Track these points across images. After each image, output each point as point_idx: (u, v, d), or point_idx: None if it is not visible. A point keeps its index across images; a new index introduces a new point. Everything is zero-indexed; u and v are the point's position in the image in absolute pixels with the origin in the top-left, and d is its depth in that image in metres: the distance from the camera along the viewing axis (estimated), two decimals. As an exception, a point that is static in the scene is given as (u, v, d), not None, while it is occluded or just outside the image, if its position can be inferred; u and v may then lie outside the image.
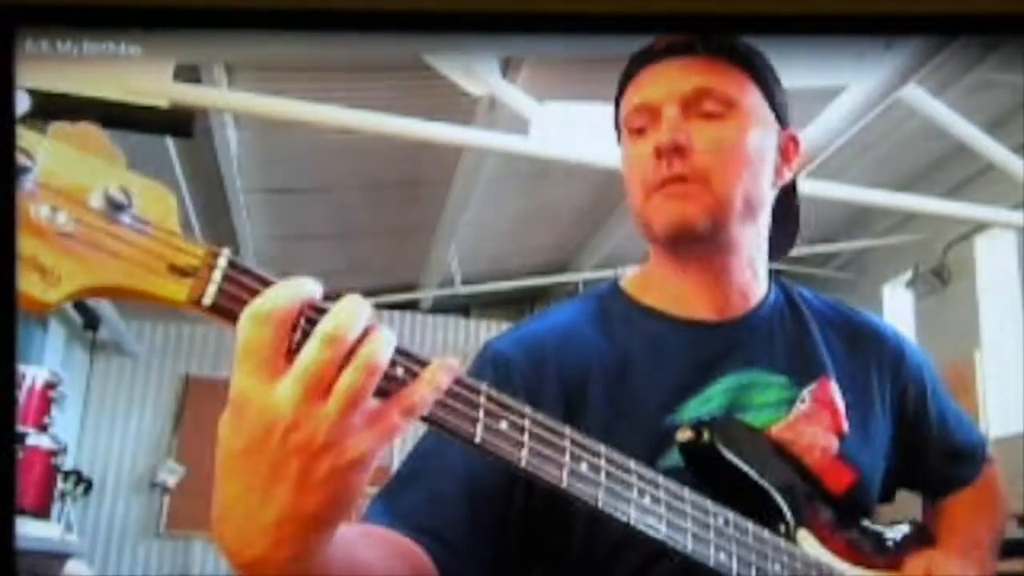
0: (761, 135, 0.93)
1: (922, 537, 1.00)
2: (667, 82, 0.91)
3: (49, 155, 0.55)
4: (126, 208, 0.56)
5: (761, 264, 0.97)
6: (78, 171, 0.56)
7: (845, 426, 0.95)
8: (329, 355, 0.54)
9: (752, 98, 0.92)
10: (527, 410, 0.66)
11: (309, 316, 0.56)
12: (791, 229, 1.03)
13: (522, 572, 0.88)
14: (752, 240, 0.95)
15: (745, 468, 0.87)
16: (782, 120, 0.96)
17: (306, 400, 0.54)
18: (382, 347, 0.56)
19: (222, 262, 0.57)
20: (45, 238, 0.54)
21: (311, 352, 0.54)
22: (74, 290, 0.55)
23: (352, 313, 0.55)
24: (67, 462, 3.89)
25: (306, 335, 0.55)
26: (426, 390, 0.58)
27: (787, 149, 0.97)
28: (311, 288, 0.56)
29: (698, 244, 0.91)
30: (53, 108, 2.18)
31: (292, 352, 0.55)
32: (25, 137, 0.54)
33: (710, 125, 0.90)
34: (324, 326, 0.55)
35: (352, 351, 0.55)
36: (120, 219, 0.56)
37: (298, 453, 0.54)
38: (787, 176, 0.98)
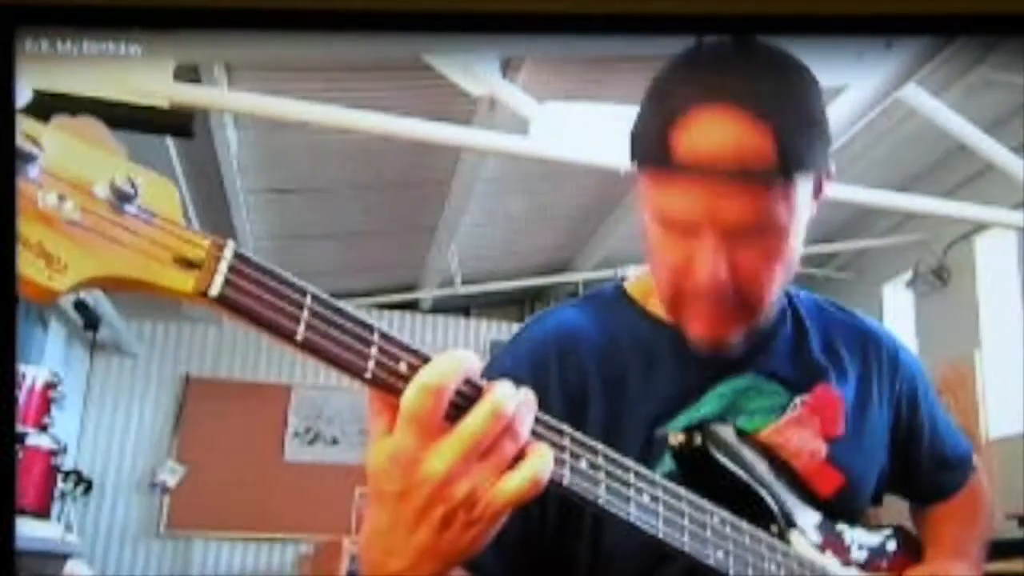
0: (803, 221, 0.87)
1: (906, 541, 1.01)
2: (709, 208, 0.81)
3: (55, 144, 0.54)
4: (132, 199, 0.56)
5: None
6: (83, 161, 0.55)
7: (837, 431, 0.95)
8: (490, 429, 0.61)
9: (798, 198, 0.84)
10: None
11: (461, 390, 0.62)
12: None
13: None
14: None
15: (736, 471, 0.87)
16: (823, 167, 0.87)
17: (461, 464, 0.61)
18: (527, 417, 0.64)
19: (228, 254, 0.57)
20: (52, 226, 0.53)
21: (475, 424, 0.61)
22: (81, 279, 0.54)
23: (512, 395, 0.63)
24: (67, 462, 3.89)
25: (456, 405, 0.62)
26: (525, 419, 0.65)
27: (819, 186, 0.89)
28: (471, 361, 0.63)
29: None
30: (53, 108, 2.17)
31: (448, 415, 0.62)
32: (30, 125, 0.54)
33: (755, 246, 0.83)
34: (486, 404, 0.62)
35: (509, 425, 0.62)
36: (126, 209, 0.56)
37: (444, 504, 0.61)
38: (816, 208, 0.91)
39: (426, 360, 0.62)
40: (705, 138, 0.80)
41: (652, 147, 0.84)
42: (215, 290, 0.57)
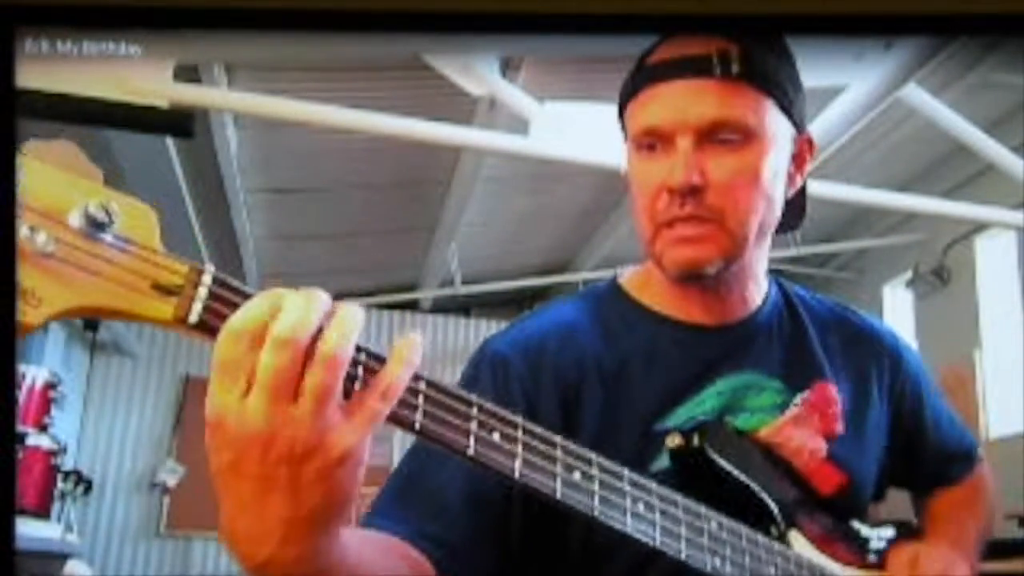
0: (778, 157, 0.89)
1: (910, 538, 1.00)
2: (681, 108, 0.85)
3: (27, 173, 0.53)
4: (107, 226, 0.55)
5: (762, 270, 0.97)
6: (57, 189, 0.54)
7: (837, 429, 0.95)
8: (285, 359, 0.53)
9: (770, 119, 0.87)
10: (519, 420, 0.66)
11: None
12: (795, 220, 1.01)
13: (522, 573, 0.87)
14: (759, 255, 0.94)
15: (735, 472, 0.87)
16: (799, 126, 0.91)
17: (275, 409, 0.53)
18: (341, 340, 0.54)
19: (206, 279, 0.56)
20: (25, 259, 0.53)
21: (266, 360, 0.53)
22: (55, 312, 0.54)
23: (301, 311, 0.54)
24: (67, 462, 3.89)
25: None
26: (398, 369, 0.58)
27: (801, 155, 0.93)
28: (326, 302, 0.55)
29: (707, 278, 0.90)
30: (52, 108, 2.18)
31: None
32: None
33: (727, 155, 0.85)
34: (274, 330, 0.53)
35: (311, 349, 0.54)
36: (101, 238, 0.55)
37: (283, 463, 0.54)
38: (799, 182, 0.94)
39: (382, 361, 0.58)
40: (674, 48, 0.87)
41: (631, 77, 0.90)
42: (194, 316, 0.56)
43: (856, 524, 0.95)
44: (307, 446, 0.54)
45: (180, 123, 2.71)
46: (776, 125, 0.88)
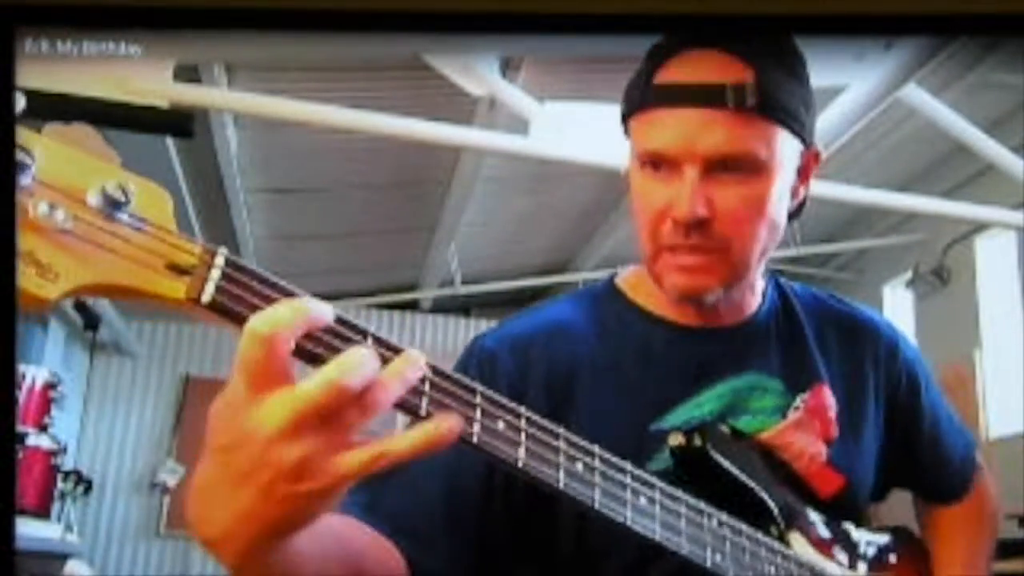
0: (785, 180, 0.87)
1: (909, 543, 1.01)
2: (690, 137, 0.82)
3: (46, 153, 0.55)
4: (124, 206, 0.56)
5: (759, 275, 0.96)
6: (75, 169, 0.56)
7: (835, 433, 0.94)
8: (329, 400, 0.55)
9: (780, 147, 0.85)
10: (522, 410, 0.66)
11: (320, 337, 0.57)
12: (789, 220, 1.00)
13: (509, 573, 0.87)
14: (758, 270, 0.93)
15: (737, 473, 0.87)
16: (807, 140, 0.89)
17: (291, 427, 0.54)
18: (383, 396, 0.56)
19: (220, 260, 0.58)
20: (43, 235, 0.54)
21: (312, 391, 0.54)
22: (72, 287, 0.55)
23: (358, 362, 0.56)
24: (67, 462, 3.89)
25: (311, 355, 0.57)
26: (408, 441, 0.58)
27: (807, 168, 0.91)
28: (318, 311, 0.56)
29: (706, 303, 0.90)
30: (52, 108, 2.18)
31: (303, 357, 0.57)
32: (22, 135, 0.55)
33: (734, 186, 0.83)
34: (330, 371, 0.55)
35: (355, 398, 0.55)
36: (118, 217, 0.56)
37: (268, 468, 0.55)
38: (802, 194, 0.93)
39: (398, 351, 0.59)
40: (687, 70, 0.85)
41: (639, 88, 0.87)
42: (207, 296, 0.57)
43: (853, 527, 0.96)
44: (294, 470, 0.55)
45: (180, 123, 2.71)
46: (786, 149, 0.86)
